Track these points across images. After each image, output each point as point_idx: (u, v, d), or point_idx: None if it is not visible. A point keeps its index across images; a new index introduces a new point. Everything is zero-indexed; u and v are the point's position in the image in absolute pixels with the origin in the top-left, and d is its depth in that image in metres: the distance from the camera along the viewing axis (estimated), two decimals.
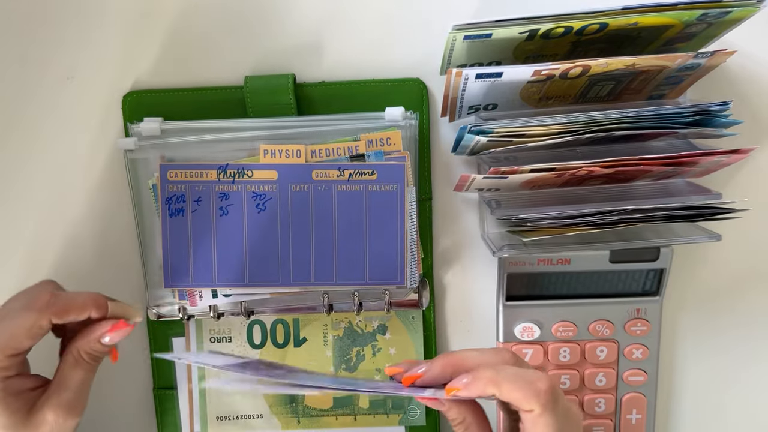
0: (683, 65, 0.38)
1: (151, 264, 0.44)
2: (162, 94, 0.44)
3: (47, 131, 0.45)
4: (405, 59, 0.45)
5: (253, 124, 0.43)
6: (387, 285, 0.44)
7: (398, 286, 0.44)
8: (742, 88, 0.45)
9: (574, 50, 0.40)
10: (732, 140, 0.39)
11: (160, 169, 0.42)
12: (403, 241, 0.43)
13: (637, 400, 0.47)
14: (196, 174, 0.42)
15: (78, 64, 0.44)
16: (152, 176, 0.43)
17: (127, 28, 0.44)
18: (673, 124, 0.38)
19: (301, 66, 0.45)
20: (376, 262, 0.43)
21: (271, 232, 0.43)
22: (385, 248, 0.43)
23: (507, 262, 0.44)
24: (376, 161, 0.42)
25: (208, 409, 0.47)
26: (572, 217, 0.39)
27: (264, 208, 0.42)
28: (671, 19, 0.36)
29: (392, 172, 0.42)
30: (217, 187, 0.42)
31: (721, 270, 0.48)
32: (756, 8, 0.36)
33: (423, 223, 0.45)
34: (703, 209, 0.40)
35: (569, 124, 0.37)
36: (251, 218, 0.42)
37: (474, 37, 0.37)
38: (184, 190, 0.42)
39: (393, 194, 0.42)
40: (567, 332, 0.46)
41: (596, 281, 0.45)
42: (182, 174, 0.42)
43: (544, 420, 0.31)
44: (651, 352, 0.46)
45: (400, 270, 0.43)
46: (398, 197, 0.42)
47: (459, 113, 0.42)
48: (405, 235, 0.43)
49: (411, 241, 0.43)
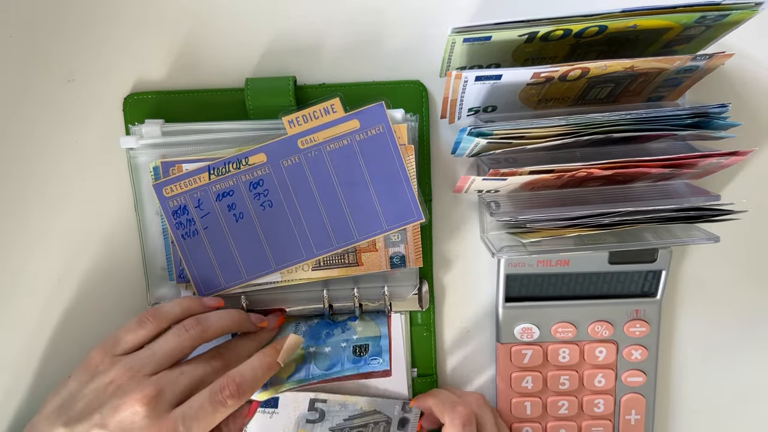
0: (682, 67, 0.38)
1: (153, 263, 0.45)
2: (163, 96, 0.44)
3: (48, 133, 0.45)
4: (405, 61, 0.45)
5: (253, 126, 0.43)
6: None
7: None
8: (740, 91, 0.45)
9: (573, 52, 0.40)
10: (730, 142, 0.40)
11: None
12: (407, 178, 0.43)
13: (636, 400, 0.47)
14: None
15: (79, 66, 0.45)
16: (152, 161, 0.43)
17: (128, 30, 0.44)
18: (672, 126, 0.38)
19: (302, 68, 0.45)
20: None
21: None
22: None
23: (506, 263, 0.45)
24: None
25: None
26: (571, 219, 0.39)
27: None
28: (670, 22, 0.37)
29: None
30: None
31: (719, 271, 0.48)
32: (754, 11, 0.36)
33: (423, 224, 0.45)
34: (702, 211, 0.40)
35: (568, 126, 0.37)
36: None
37: (473, 39, 0.37)
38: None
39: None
40: (566, 333, 0.46)
41: (595, 282, 0.45)
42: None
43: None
44: (650, 352, 0.47)
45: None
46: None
47: (458, 115, 0.42)
48: (407, 172, 0.42)
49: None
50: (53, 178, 0.46)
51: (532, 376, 0.47)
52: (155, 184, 0.42)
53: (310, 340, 0.46)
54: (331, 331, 0.46)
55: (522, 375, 0.47)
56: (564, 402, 0.47)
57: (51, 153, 0.45)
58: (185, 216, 0.43)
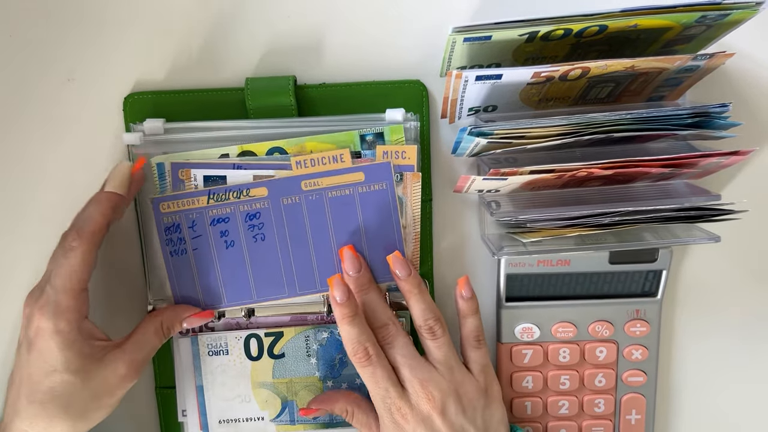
0: (683, 67, 0.38)
1: (153, 265, 0.45)
2: (163, 95, 0.44)
3: (48, 133, 0.45)
4: (405, 61, 0.45)
5: (254, 125, 0.43)
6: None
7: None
8: (741, 90, 0.45)
9: (573, 52, 0.40)
10: (731, 142, 0.39)
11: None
12: (400, 238, 0.43)
13: (636, 400, 0.47)
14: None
15: (79, 65, 0.45)
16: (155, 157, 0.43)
17: (128, 29, 0.44)
18: (672, 125, 0.38)
19: (302, 67, 0.45)
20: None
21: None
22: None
23: (507, 262, 0.45)
24: (370, 159, 0.43)
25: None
26: (572, 219, 0.39)
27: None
28: (670, 22, 0.37)
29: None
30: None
31: (720, 271, 0.48)
32: (755, 10, 0.36)
33: (423, 224, 0.45)
34: (703, 210, 0.40)
35: (569, 126, 0.37)
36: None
37: (474, 39, 0.37)
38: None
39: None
40: (566, 333, 0.46)
41: (596, 282, 0.45)
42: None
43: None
44: (650, 352, 0.47)
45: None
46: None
47: (459, 115, 0.42)
48: (402, 230, 0.43)
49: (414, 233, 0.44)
50: (53, 178, 0.46)
51: (533, 375, 0.47)
52: (155, 198, 0.43)
53: (324, 368, 0.46)
54: (344, 357, 0.46)
55: (522, 375, 0.47)
56: (564, 402, 0.47)
57: (50, 152, 0.45)
58: (177, 234, 0.43)
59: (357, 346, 0.40)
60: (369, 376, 0.40)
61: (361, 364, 0.40)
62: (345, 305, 0.40)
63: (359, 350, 0.40)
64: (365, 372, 0.40)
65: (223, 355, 0.46)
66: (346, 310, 0.40)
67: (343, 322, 0.40)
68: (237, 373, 0.46)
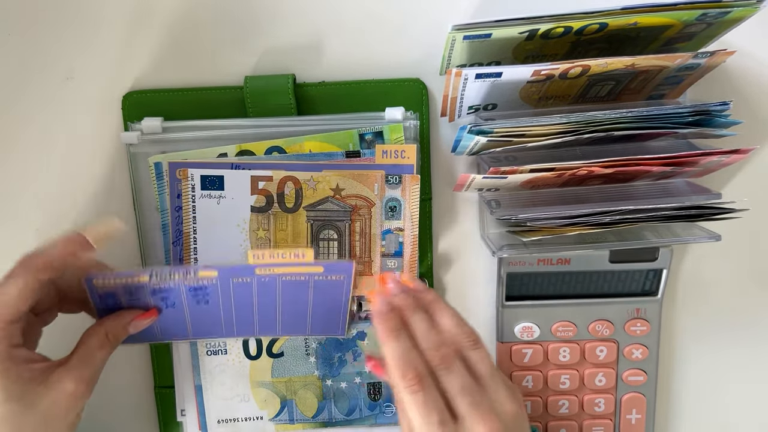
0: (683, 65, 0.38)
1: (152, 261, 0.45)
2: (162, 94, 0.44)
3: (47, 131, 0.45)
4: (405, 59, 0.45)
5: (252, 124, 0.43)
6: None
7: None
8: (741, 88, 0.45)
9: (573, 50, 0.40)
10: (732, 140, 0.39)
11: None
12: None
13: (636, 400, 0.47)
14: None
15: (77, 64, 0.44)
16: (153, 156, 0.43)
17: (127, 28, 0.44)
18: (672, 124, 0.38)
19: (301, 66, 0.45)
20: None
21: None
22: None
23: (507, 261, 0.45)
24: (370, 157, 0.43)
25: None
26: (572, 217, 0.39)
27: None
28: (671, 19, 0.37)
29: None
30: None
31: (720, 269, 0.48)
32: (756, 8, 0.36)
33: (423, 223, 0.45)
34: (703, 209, 0.40)
35: (569, 124, 0.37)
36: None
37: (474, 37, 0.37)
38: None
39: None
40: (567, 332, 0.46)
41: (596, 281, 0.45)
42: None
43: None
44: (650, 352, 0.46)
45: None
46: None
47: (459, 113, 0.42)
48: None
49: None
50: (52, 177, 0.45)
51: (533, 375, 0.47)
52: (87, 277, 0.38)
53: (324, 366, 0.46)
54: (343, 355, 0.46)
55: (522, 374, 0.47)
56: (564, 401, 0.47)
57: (50, 151, 0.45)
58: (113, 300, 0.40)
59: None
60: None
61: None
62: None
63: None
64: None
65: (221, 355, 0.46)
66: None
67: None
68: (236, 372, 0.46)
